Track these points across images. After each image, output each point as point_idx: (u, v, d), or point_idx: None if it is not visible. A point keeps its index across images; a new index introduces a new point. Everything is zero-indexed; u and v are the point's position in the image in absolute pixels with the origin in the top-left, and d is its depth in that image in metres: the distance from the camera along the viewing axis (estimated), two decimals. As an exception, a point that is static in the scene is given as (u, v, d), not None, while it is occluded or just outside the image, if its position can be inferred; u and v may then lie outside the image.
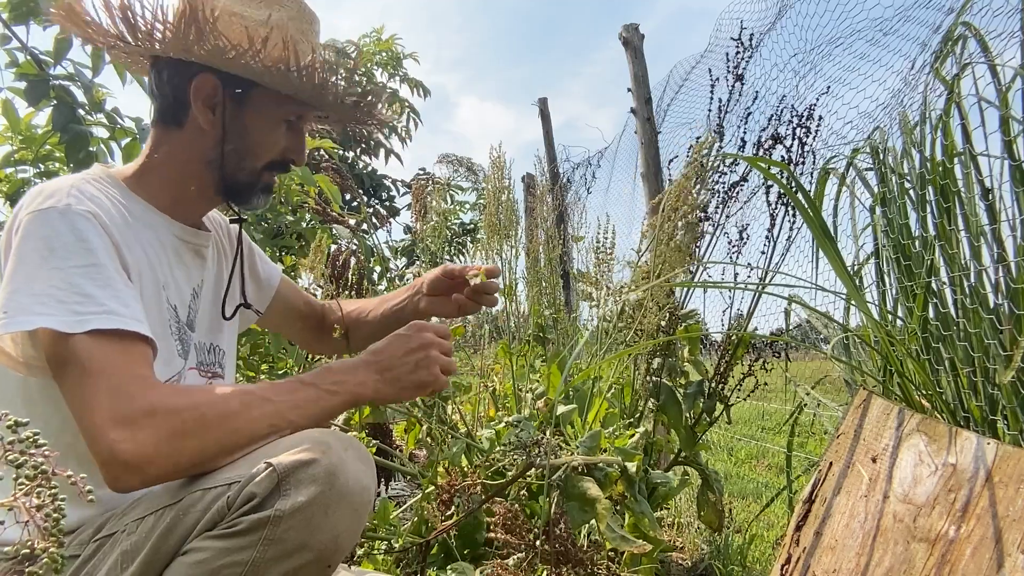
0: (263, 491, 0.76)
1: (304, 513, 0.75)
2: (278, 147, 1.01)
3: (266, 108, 0.98)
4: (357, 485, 0.80)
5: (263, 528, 0.75)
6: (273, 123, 0.99)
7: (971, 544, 0.80)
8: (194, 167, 0.99)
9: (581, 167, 4.11)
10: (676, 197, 1.74)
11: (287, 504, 0.75)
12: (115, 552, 0.79)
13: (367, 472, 0.83)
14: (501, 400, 2.21)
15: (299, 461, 0.77)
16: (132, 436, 0.72)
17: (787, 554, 1.12)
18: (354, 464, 0.80)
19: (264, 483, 0.76)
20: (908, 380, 1.20)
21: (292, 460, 0.77)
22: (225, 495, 0.77)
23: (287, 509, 0.75)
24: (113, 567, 0.78)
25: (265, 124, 0.99)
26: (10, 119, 1.91)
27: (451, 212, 4.40)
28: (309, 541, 0.76)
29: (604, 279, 1.93)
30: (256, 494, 0.76)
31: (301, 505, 0.75)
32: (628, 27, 3.04)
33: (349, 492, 0.78)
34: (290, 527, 0.75)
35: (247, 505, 0.76)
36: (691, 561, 2.00)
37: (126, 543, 0.79)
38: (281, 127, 1.00)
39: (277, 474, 0.76)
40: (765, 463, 3.62)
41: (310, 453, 0.77)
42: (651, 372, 1.81)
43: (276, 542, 0.75)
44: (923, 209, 1.21)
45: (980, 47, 1.18)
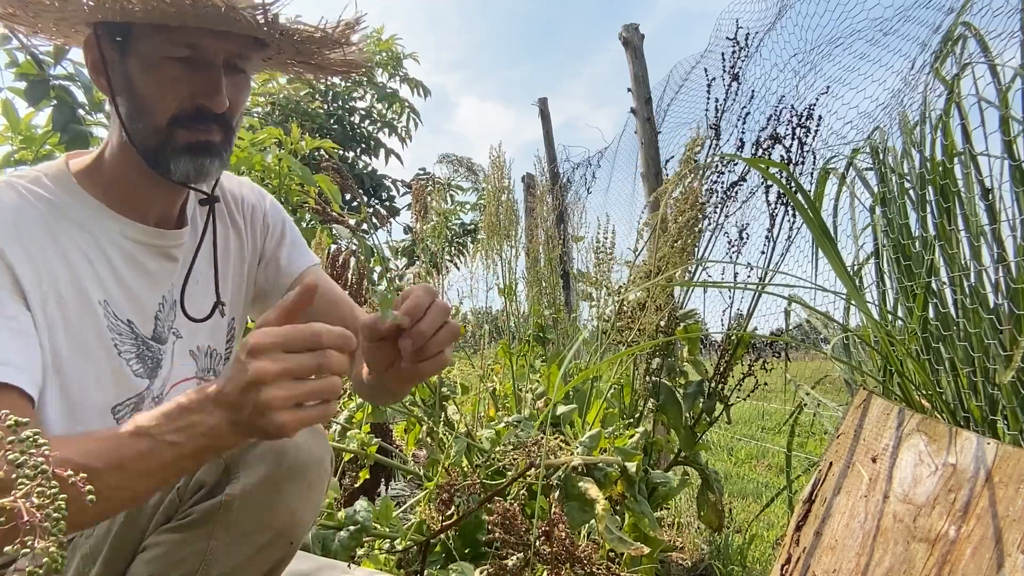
0: (211, 478, 0.74)
1: (255, 494, 0.74)
2: (176, 93, 0.81)
3: (144, 48, 0.80)
4: (309, 458, 0.77)
5: (215, 515, 0.74)
6: (156, 63, 0.80)
7: (971, 544, 0.80)
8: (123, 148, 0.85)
9: (581, 167, 4.11)
10: (673, 195, 1.74)
11: (237, 488, 0.73)
12: (76, 557, 0.78)
13: (319, 444, 0.80)
14: (501, 400, 2.21)
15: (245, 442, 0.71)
16: None
17: (787, 554, 1.12)
18: (303, 438, 0.77)
19: (211, 470, 0.74)
20: (908, 380, 1.20)
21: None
22: (176, 487, 0.76)
23: (238, 493, 0.73)
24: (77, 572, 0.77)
25: (148, 67, 0.80)
26: (10, 119, 1.92)
27: (451, 212, 4.40)
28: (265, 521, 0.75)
29: (604, 279, 1.93)
30: (205, 482, 0.74)
31: (251, 486, 0.73)
32: (628, 27, 3.04)
33: (301, 466, 0.76)
34: (244, 509, 0.74)
35: (197, 494, 0.75)
36: (691, 561, 2.00)
37: (85, 547, 0.78)
38: (170, 67, 0.80)
39: (223, 459, 0.74)
40: (765, 463, 3.62)
41: None
42: (651, 372, 1.81)
43: (231, 526, 0.74)
44: (923, 209, 1.21)
45: (980, 47, 1.18)
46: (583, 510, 1.36)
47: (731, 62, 1.86)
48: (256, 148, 2.18)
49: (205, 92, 0.81)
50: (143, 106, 0.81)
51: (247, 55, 0.84)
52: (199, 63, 0.81)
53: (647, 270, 1.77)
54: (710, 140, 1.85)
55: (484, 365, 2.31)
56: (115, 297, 0.84)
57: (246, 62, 0.85)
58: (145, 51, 0.79)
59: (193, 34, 0.78)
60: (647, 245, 1.85)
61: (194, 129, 0.82)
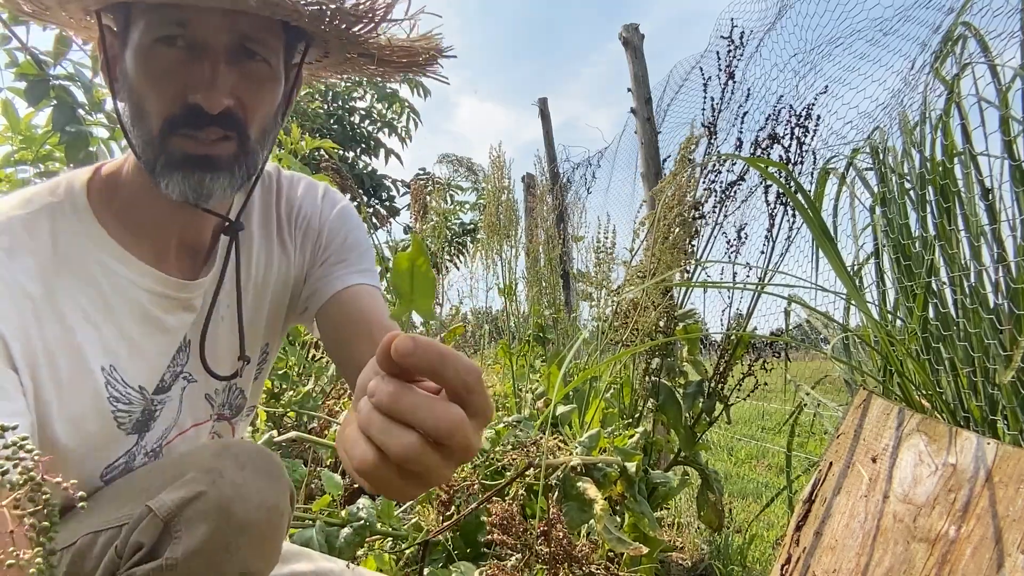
0: (149, 539, 0.66)
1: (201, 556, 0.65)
2: (165, 88, 0.67)
3: (139, 32, 0.67)
4: (260, 511, 0.67)
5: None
6: (147, 50, 0.67)
7: (971, 544, 0.80)
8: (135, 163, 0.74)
9: (581, 167, 4.11)
10: (671, 193, 1.75)
11: (179, 550, 0.65)
12: None
13: (272, 488, 0.69)
14: (501, 400, 2.21)
15: (183, 499, 0.66)
16: None
17: (787, 554, 1.12)
18: (254, 484, 0.68)
19: (148, 530, 0.66)
20: (908, 380, 1.20)
21: (175, 499, 0.66)
22: (115, 542, 0.68)
23: (180, 556, 0.65)
24: None
25: (140, 57, 0.67)
26: (10, 119, 1.92)
27: (451, 212, 4.40)
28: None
29: (604, 279, 1.93)
30: (143, 543, 0.66)
31: (195, 549, 0.65)
32: (628, 27, 3.04)
33: (250, 522, 0.67)
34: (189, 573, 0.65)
35: (136, 555, 0.66)
36: (691, 561, 2.00)
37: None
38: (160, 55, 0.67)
39: (159, 519, 0.65)
40: (765, 463, 3.62)
41: (196, 485, 0.66)
42: (650, 372, 1.81)
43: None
44: (923, 209, 1.21)
45: (980, 47, 1.18)
46: (582, 510, 1.36)
47: (727, 61, 1.86)
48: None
49: (196, 85, 0.66)
50: (139, 108, 0.69)
51: (263, 38, 0.69)
52: (194, 48, 0.67)
53: (643, 269, 1.77)
54: (706, 139, 1.85)
55: (484, 365, 2.31)
56: (123, 362, 0.75)
57: (263, 47, 0.70)
58: (138, 37, 0.67)
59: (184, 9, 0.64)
60: (643, 244, 1.85)
61: (191, 136, 0.68)
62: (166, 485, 0.67)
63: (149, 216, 0.76)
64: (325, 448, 1.64)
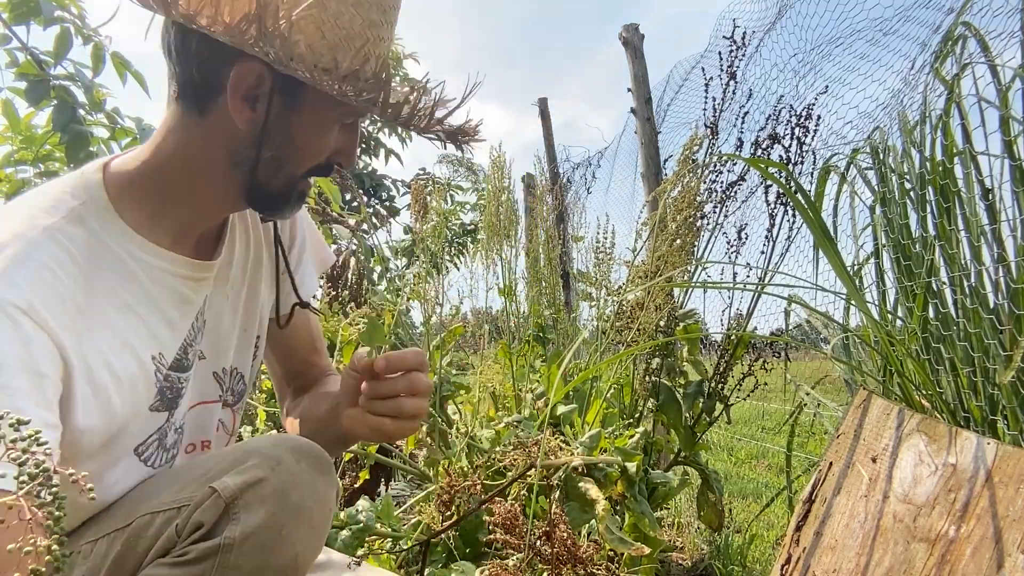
0: (210, 519, 0.71)
1: (257, 537, 0.71)
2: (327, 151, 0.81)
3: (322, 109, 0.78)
4: (313, 500, 0.74)
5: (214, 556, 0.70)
6: (327, 127, 0.80)
7: (971, 544, 0.80)
8: (215, 168, 0.79)
9: (581, 167, 4.11)
10: (672, 194, 1.74)
11: (237, 531, 0.70)
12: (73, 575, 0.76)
13: (324, 481, 0.77)
14: (501, 400, 2.21)
15: (245, 482, 0.71)
16: None
17: (787, 554, 1.12)
18: (308, 476, 0.75)
19: (210, 510, 0.71)
20: (908, 380, 1.20)
21: (238, 482, 0.71)
22: (174, 521, 0.73)
23: (237, 536, 0.70)
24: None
25: (318, 128, 0.79)
26: (10, 119, 1.92)
27: (451, 212, 4.40)
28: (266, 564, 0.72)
29: (604, 279, 1.93)
30: (203, 522, 0.71)
31: (253, 529, 0.70)
32: (628, 27, 3.04)
33: (304, 509, 0.73)
34: (244, 553, 0.70)
35: (195, 533, 0.71)
36: (691, 561, 2.00)
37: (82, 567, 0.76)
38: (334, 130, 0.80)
39: (223, 500, 0.71)
40: (765, 463, 3.62)
41: (258, 471, 0.72)
42: (650, 372, 1.81)
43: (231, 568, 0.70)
44: (923, 209, 1.22)
45: (980, 47, 1.18)
46: (584, 510, 1.36)
47: (728, 61, 1.86)
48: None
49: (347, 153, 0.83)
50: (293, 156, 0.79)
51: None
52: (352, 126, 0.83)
53: (646, 270, 1.77)
54: (708, 139, 1.85)
55: (484, 365, 2.31)
56: (168, 345, 0.82)
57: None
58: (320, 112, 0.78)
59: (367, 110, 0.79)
60: (646, 245, 1.85)
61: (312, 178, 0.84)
62: (227, 471, 0.72)
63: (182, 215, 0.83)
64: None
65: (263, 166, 0.79)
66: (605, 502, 1.31)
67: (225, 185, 0.81)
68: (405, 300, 1.93)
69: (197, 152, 0.79)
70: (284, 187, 0.81)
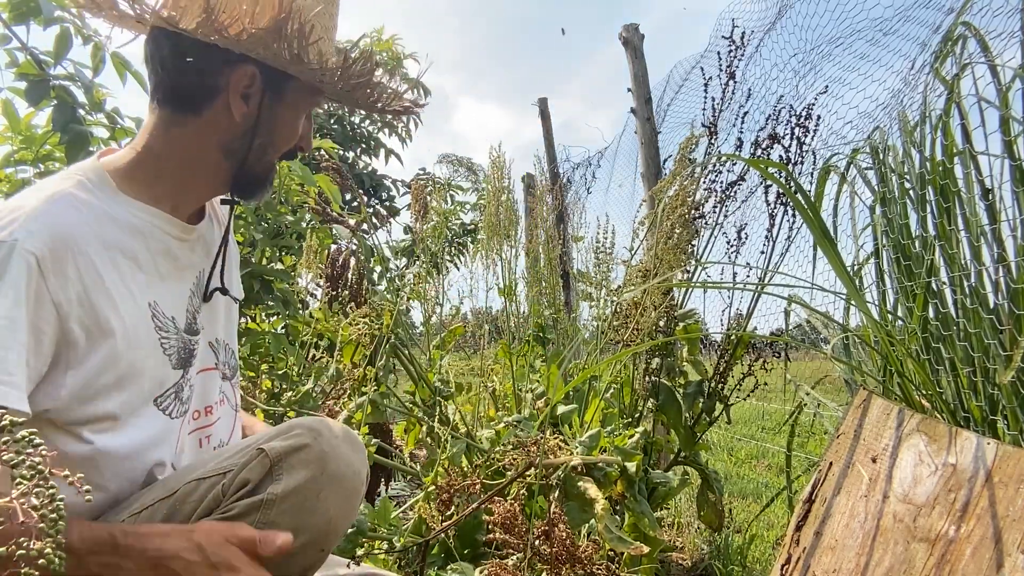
0: (256, 476, 0.78)
1: (296, 496, 0.77)
2: (296, 137, 0.94)
3: (299, 100, 0.91)
4: (349, 469, 0.81)
5: (256, 511, 0.77)
6: (299, 114, 0.93)
7: (971, 544, 0.80)
8: (209, 157, 0.90)
9: (581, 167, 4.11)
10: (674, 193, 1.74)
11: (279, 488, 0.77)
12: None
13: (358, 458, 0.84)
14: (501, 400, 2.21)
15: (291, 446, 0.78)
16: None
17: (787, 554, 1.12)
18: (345, 448, 0.82)
19: (256, 469, 0.78)
20: (908, 380, 1.20)
21: (284, 445, 0.78)
22: (220, 483, 0.79)
23: (279, 492, 0.77)
24: None
25: (295, 116, 0.93)
26: (10, 119, 1.91)
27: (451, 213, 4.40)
28: (302, 524, 0.78)
29: (603, 279, 1.93)
30: (249, 480, 0.77)
31: (293, 488, 0.77)
32: (628, 27, 3.04)
33: (341, 476, 0.80)
34: (283, 511, 0.77)
35: (241, 491, 0.78)
36: (691, 561, 2.00)
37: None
38: (301, 117, 0.94)
39: (269, 459, 0.78)
40: (765, 463, 3.61)
41: (302, 438, 0.79)
42: (650, 372, 1.81)
43: (269, 525, 0.76)
44: (923, 209, 1.21)
45: (980, 47, 1.18)
46: (583, 510, 1.36)
47: (728, 61, 1.86)
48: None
49: (307, 139, 0.96)
50: (275, 143, 0.92)
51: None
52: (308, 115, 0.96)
53: (643, 269, 1.77)
54: (707, 139, 1.85)
55: (484, 365, 2.31)
56: (162, 297, 0.89)
57: None
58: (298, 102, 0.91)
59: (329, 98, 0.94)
60: (643, 244, 1.85)
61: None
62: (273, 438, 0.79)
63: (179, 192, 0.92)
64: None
65: (252, 154, 0.91)
66: (604, 501, 1.31)
67: (216, 172, 0.92)
68: (405, 300, 1.93)
69: (192, 145, 0.89)
70: (264, 171, 0.94)
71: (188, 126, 0.88)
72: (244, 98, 0.87)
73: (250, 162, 0.91)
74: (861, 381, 1.39)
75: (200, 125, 0.88)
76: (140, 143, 0.89)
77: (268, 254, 2.27)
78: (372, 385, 1.71)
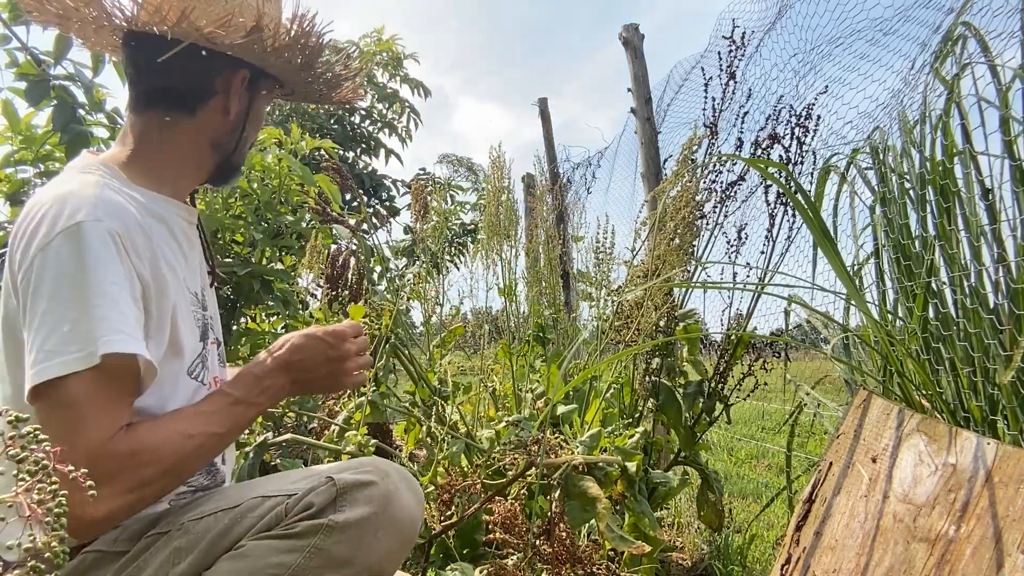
0: (321, 502, 0.80)
1: (356, 529, 0.79)
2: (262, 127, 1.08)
3: (270, 93, 1.03)
4: (407, 515, 0.84)
5: (316, 535, 0.78)
6: (266, 107, 1.05)
7: (971, 544, 0.80)
8: (201, 151, 0.98)
9: (581, 167, 4.10)
10: (671, 194, 1.74)
11: (341, 517, 0.79)
12: (168, 548, 0.82)
13: (418, 507, 0.87)
14: (501, 400, 2.21)
15: (359, 481, 0.81)
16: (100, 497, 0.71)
17: (787, 554, 1.12)
18: (407, 496, 0.85)
19: (323, 495, 0.80)
20: (908, 380, 1.20)
21: (352, 479, 0.81)
22: (283, 503, 0.81)
23: (341, 521, 0.79)
24: (164, 562, 0.81)
25: (264, 108, 1.05)
26: (10, 119, 1.91)
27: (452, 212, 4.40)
28: (355, 558, 0.80)
29: (604, 279, 1.93)
30: (314, 504, 0.80)
31: (355, 521, 0.79)
32: (628, 27, 3.04)
33: (399, 520, 0.83)
34: (340, 540, 0.79)
35: (304, 512, 0.80)
36: (691, 561, 2.00)
37: (180, 540, 0.82)
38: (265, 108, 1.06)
39: (336, 488, 0.80)
40: (765, 463, 3.62)
41: (370, 476, 0.83)
42: (650, 372, 1.81)
43: (324, 551, 0.78)
44: (923, 209, 1.21)
45: (980, 47, 1.18)
46: (584, 509, 1.36)
47: (728, 61, 1.86)
48: (256, 148, 2.18)
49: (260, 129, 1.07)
50: (252, 133, 1.03)
51: None
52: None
53: (645, 269, 1.77)
54: (707, 139, 1.85)
55: (484, 365, 2.31)
56: (188, 274, 0.96)
57: None
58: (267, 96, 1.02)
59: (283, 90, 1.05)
60: (644, 244, 1.85)
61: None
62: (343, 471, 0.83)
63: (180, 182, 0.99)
64: (323, 449, 1.64)
65: (238, 146, 1.01)
66: (606, 500, 1.31)
67: (204, 165, 1.00)
68: (405, 300, 1.93)
69: (185, 142, 0.97)
70: (242, 160, 1.04)
71: (181, 125, 0.95)
72: (236, 96, 0.97)
73: (235, 154, 1.02)
74: (861, 381, 1.39)
75: (194, 124, 0.96)
76: (132, 143, 0.95)
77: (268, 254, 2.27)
78: (371, 385, 1.72)
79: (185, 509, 0.87)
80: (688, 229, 1.72)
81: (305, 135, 2.28)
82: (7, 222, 2.00)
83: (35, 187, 2.05)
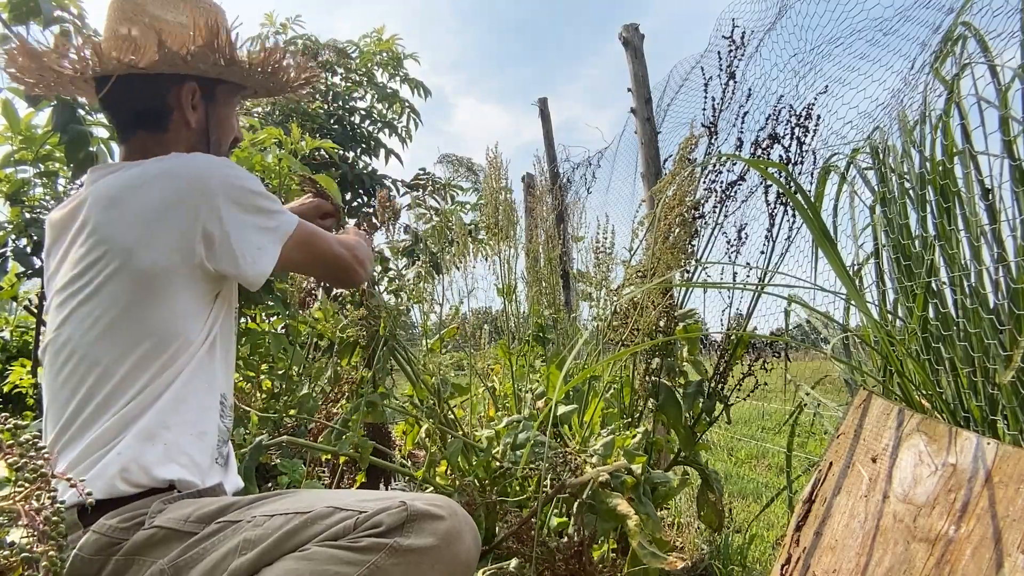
0: (390, 523, 0.82)
1: (416, 556, 0.81)
2: (234, 131, 1.18)
3: (229, 98, 1.16)
4: (466, 557, 0.86)
5: (379, 552, 0.81)
6: (232, 111, 1.17)
7: (971, 544, 0.80)
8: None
9: (581, 167, 4.10)
10: (672, 193, 1.74)
11: (406, 542, 0.81)
12: (237, 538, 0.85)
13: (475, 553, 0.89)
14: (501, 400, 2.21)
15: (430, 512, 0.84)
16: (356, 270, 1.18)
17: (787, 554, 1.12)
18: (469, 540, 0.87)
19: (394, 516, 0.83)
20: (908, 380, 1.20)
21: (424, 508, 0.84)
22: (354, 517, 0.84)
23: (405, 546, 0.81)
24: (232, 551, 0.85)
25: (229, 113, 1.16)
26: (10, 119, 1.92)
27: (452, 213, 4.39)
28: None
29: (603, 279, 1.93)
30: (383, 523, 0.82)
31: (417, 548, 0.81)
32: (628, 27, 3.04)
33: (458, 560, 0.85)
34: (399, 563, 0.81)
35: (372, 529, 0.83)
36: (691, 561, 2.00)
37: (250, 533, 0.85)
38: (234, 115, 1.17)
39: (407, 513, 0.83)
40: (765, 463, 3.62)
41: (441, 510, 0.85)
42: (650, 372, 1.80)
43: (382, 570, 0.80)
44: (923, 209, 1.21)
45: (980, 47, 1.18)
46: (609, 523, 1.36)
47: (727, 61, 1.86)
48: (256, 148, 2.18)
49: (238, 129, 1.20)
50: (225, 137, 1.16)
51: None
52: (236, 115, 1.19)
53: (643, 269, 1.77)
54: (706, 139, 1.85)
55: (484, 365, 2.31)
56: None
57: None
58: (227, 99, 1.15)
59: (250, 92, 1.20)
60: (642, 243, 1.85)
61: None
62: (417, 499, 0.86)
63: None
64: (319, 451, 1.64)
65: (212, 149, 1.13)
66: (636, 517, 1.31)
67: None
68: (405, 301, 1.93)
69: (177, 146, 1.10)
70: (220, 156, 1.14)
71: (163, 142, 1.08)
72: (192, 107, 1.09)
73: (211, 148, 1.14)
74: (861, 381, 1.39)
75: (168, 139, 1.09)
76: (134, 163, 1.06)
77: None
78: (369, 387, 1.71)
79: (256, 504, 0.91)
80: (683, 227, 1.72)
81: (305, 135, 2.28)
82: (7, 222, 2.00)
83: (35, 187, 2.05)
